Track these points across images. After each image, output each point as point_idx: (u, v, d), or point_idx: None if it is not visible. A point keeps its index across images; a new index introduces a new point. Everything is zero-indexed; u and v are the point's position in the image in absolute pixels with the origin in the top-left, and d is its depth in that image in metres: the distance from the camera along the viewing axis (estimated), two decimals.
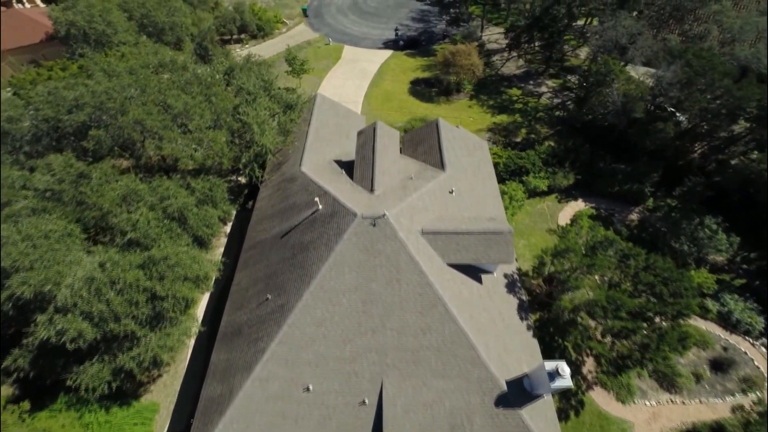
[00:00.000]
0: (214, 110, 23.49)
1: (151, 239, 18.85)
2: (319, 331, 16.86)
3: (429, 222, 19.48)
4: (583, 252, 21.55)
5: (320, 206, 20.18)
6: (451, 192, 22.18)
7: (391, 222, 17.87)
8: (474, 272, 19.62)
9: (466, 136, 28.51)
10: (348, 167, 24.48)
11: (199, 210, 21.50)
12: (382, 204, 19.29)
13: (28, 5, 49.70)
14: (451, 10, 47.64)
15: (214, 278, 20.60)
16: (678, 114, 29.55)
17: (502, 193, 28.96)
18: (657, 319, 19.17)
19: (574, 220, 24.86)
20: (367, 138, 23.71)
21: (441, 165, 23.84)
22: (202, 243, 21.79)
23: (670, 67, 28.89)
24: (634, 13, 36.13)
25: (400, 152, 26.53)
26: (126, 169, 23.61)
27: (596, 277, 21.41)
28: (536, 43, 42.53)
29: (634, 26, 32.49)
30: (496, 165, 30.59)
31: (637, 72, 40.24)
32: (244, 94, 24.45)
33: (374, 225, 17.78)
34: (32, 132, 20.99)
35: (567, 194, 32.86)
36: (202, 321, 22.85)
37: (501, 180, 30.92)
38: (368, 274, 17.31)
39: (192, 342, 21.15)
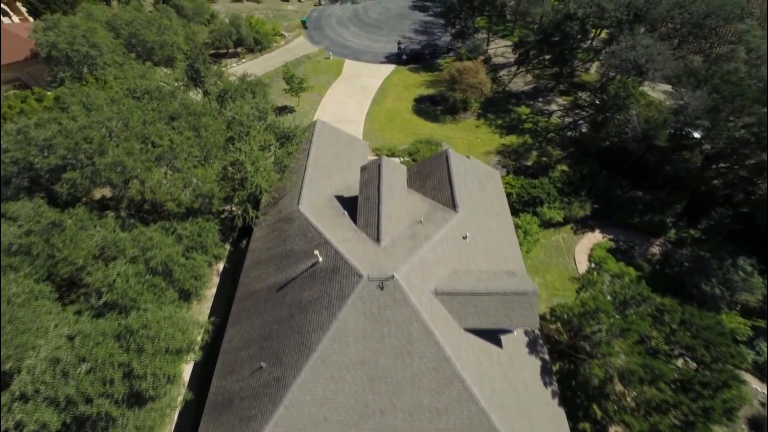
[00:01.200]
0: (204, 144, 21.41)
1: (131, 299, 16.74)
2: (321, 412, 14.75)
3: (443, 279, 17.41)
4: (610, 301, 19.49)
5: (320, 258, 18.10)
6: (464, 237, 20.11)
7: (401, 284, 15.78)
8: (493, 333, 17.55)
9: (477, 166, 26.47)
10: (350, 205, 22.42)
11: (186, 260, 19.39)
12: (390, 259, 17.21)
13: (16, 19, 47.58)
14: (456, 23, 45.71)
15: (202, 343, 18.44)
16: (703, 141, 27.54)
17: (516, 226, 26.90)
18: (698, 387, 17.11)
19: (598, 265, 22.91)
20: (371, 176, 21.65)
21: (452, 204, 21.76)
22: (190, 295, 19.66)
23: (695, 92, 26.91)
24: (643, 29, 34.24)
25: (408, 185, 24.51)
26: (108, 201, 21.47)
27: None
28: (546, 59, 40.40)
29: (654, 46, 30.54)
30: (508, 195, 28.53)
31: (655, 88, 38.40)
32: (237, 125, 22.37)
33: (382, 288, 15.70)
34: None
35: (583, 225, 30.83)
36: (189, 380, 20.67)
37: (514, 211, 28.84)
38: (375, 346, 15.22)
39: (177, 412, 18.96)
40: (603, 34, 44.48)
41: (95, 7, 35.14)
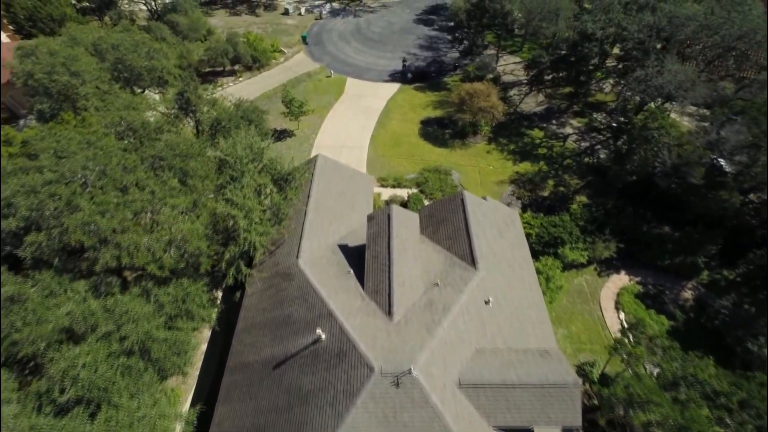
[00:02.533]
0: (192, 192, 18.97)
1: (101, 389, 14.24)
2: None
3: (466, 362, 14.91)
4: (655, 381, 17.00)
5: (323, 336, 15.61)
6: (487, 303, 17.66)
7: (420, 381, 13.30)
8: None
9: (495, 208, 24.05)
10: (356, 257, 19.99)
11: (168, 331, 16.89)
12: (405, 340, 14.72)
13: (5, 37, 45.22)
14: (464, 39, 43.47)
15: None
16: (739, 177, 25.13)
17: (537, 271, 24.43)
18: None
19: (632, 325, 20.48)
20: (379, 229, 19.20)
21: (471, 259, 19.32)
22: (173, 373, 17.14)
23: (731, 126, 24.54)
24: (665, 52, 31.89)
25: (419, 229, 22.07)
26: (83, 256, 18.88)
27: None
28: (561, 78, 38.09)
29: (682, 71, 28.21)
30: (527, 235, 26.04)
31: (678, 110, 36.06)
32: (229, 169, 19.93)
33: (398, 385, 13.21)
34: None
35: (608, 265, 28.33)
36: None
37: (534, 253, 26.33)
38: None
39: None
40: (615, 50, 42.19)
41: (81, 28, 32.81)
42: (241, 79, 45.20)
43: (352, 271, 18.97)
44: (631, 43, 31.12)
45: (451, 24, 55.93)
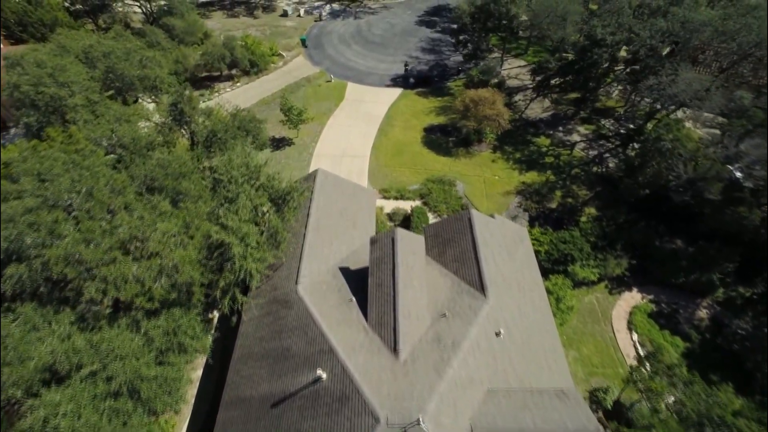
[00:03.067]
0: (184, 216, 17.89)
1: None
2: None
3: (478, 405, 13.89)
4: (676, 420, 15.98)
5: (324, 376, 14.57)
6: (498, 335, 16.62)
7: None
8: None
9: (504, 226, 22.96)
10: (358, 282, 18.95)
11: (159, 370, 15.84)
12: (413, 383, 13.68)
13: None
14: (468, 43, 42.25)
15: None
16: (757, 191, 24.04)
17: (547, 291, 23.36)
18: None
19: (650, 354, 19.46)
20: (383, 254, 18.13)
21: (480, 285, 18.27)
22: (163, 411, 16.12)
23: (751, 140, 23.44)
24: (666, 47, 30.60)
25: (425, 250, 21.01)
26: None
27: None
28: (568, 83, 36.93)
29: (698, 80, 27.06)
30: (536, 252, 24.97)
31: (695, 119, 34.90)
32: (223, 191, 18.81)
33: None
34: None
35: (619, 282, 27.27)
36: None
37: (543, 271, 25.26)
38: None
39: None
40: (622, 52, 40.89)
41: (72, 34, 31.63)
42: (238, 84, 44.02)
43: (354, 300, 17.92)
44: (643, 50, 29.93)
45: (455, 26, 54.86)
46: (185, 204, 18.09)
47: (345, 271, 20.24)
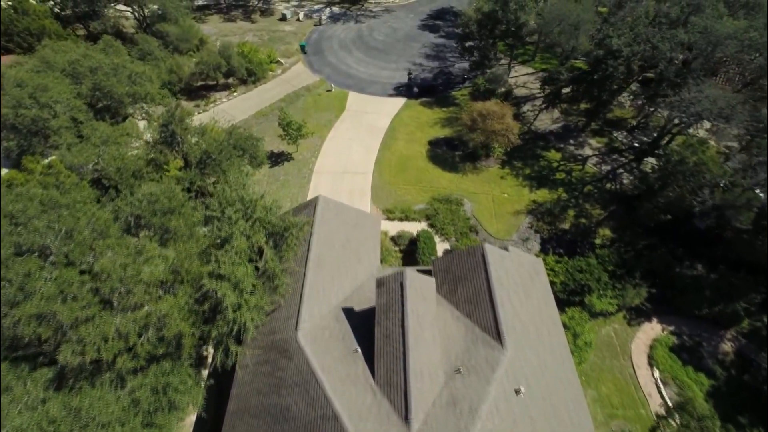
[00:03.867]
0: (173, 261, 16.34)
1: None
2: None
3: None
4: None
5: None
6: (517, 392, 15.12)
7: None
8: None
9: (519, 260, 21.39)
10: (364, 327, 17.47)
11: (146, 428, 14.35)
12: None
13: None
14: (475, 51, 40.50)
15: None
16: None
17: (563, 325, 21.88)
18: None
19: (679, 407, 17.95)
20: (391, 300, 16.59)
21: (496, 332, 16.79)
22: None
23: None
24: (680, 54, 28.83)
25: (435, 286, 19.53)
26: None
27: None
28: (581, 96, 35.29)
29: (722, 98, 25.41)
30: (551, 283, 23.44)
31: (717, 132, 33.25)
32: (216, 230, 17.24)
33: None
34: None
35: (638, 312, 25.81)
36: None
37: (558, 302, 23.73)
38: None
39: None
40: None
41: (60, 45, 29.97)
42: (235, 93, 42.30)
43: (359, 350, 16.41)
44: (663, 63, 28.25)
45: (458, 30, 53.07)
46: (174, 245, 16.54)
47: (349, 313, 18.73)
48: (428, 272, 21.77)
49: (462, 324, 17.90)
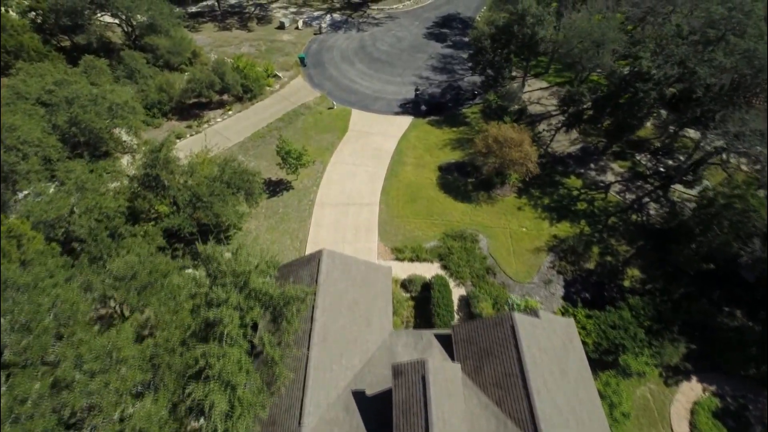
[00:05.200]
0: (150, 349, 13.78)
1: None
2: None
3: None
4: None
5: None
6: None
7: None
8: None
9: (551, 327, 18.86)
10: (378, 419, 14.97)
11: None
12: None
13: None
14: (487, 68, 37.72)
15: None
16: None
17: (599, 394, 19.39)
18: None
19: None
20: (411, 396, 14.08)
21: (532, 427, 14.33)
22: None
23: None
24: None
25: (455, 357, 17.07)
26: None
27: None
28: (605, 120, 32.70)
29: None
30: (582, 343, 20.95)
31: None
32: (203, 311, 14.64)
33: None
34: None
35: (676, 370, 23.36)
36: None
37: (590, 363, 21.22)
38: None
39: None
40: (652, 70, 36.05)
41: (34, 69, 27.22)
42: (230, 112, 39.50)
43: None
44: (701, 90, 25.62)
45: (468, 39, 50.25)
46: (154, 339, 13.96)
47: (360, 398, 16.25)
48: (447, 337, 19.33)
49: (491, 415, 15.42)
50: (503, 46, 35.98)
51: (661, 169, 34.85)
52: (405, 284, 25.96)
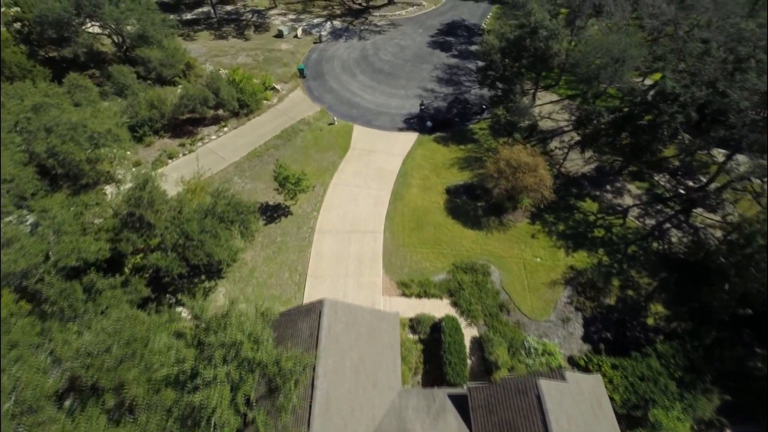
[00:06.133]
0: None
1: None
2: None
3: None
4: None
5: None
6: None
7: None
8: None
9: (579, 388, 16.96)
10: None
11: None
12: None
13: None
14: (498, 83, 35.70)
15: None
16: None
17: None
18: None
19: None
20: None
21: None
22: None
23: None
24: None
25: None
26: None
27: None
28: (624, 142, 30.76)
29: None
30: (610, 398, 19.05)
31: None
32: (187, 391, 12.72)
33: None
34: None
35: (709, 424, 21.49)
36: None
37: (617, 420, 19.34)
38: None
39: None
40: (655, 77, 33.87)
41: (12, 89, 25.26)
42: (225, 129, 37.50)
43: None
44: (733, 115, 23.68)
45: (472, 48, 48.25)
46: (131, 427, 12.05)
47: None
48: (462, 397, 17.45)
49: None
50: (514, 60, 34.02)
51: (681, 191, 32.93)
52: (413, 325, 24.03)
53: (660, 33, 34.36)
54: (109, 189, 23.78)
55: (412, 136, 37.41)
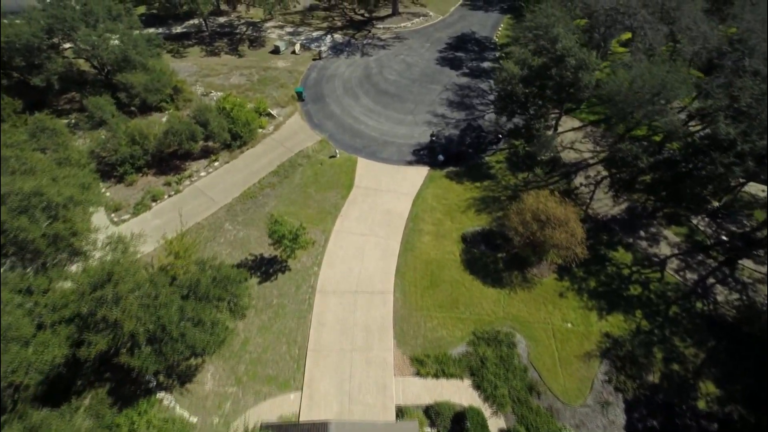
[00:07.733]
0: None
1: None
2: None
3: None
4: None
5: None
6: None
7: None
8: None
9: None
10: None
11: None
12: None
13: None
14: (517, 112, 32.11)
15: None
16: None
17: None
18: None
19: None
20: None
21: None
22: None
23: None
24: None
25: None
26: None
27: None
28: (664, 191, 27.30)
29: None
30: None
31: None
32: None
33: None
34: None
35: None
36: None
37: None
38: None
39: None
40: (694, 103, 30.51)
41: None
42: (216, 163, 33.91)
43: None
44: None
45: (485, 65, 44.53)
46: None
47: None
48: None
49: None
50: (538, 91, 30.44)
51: (724, 238, 29.56)
52: (430, 416, 20.75)
53: (709, 66, 30.53)
54: (73, 268, 20.28)
55: (422, 171, 33.91)
